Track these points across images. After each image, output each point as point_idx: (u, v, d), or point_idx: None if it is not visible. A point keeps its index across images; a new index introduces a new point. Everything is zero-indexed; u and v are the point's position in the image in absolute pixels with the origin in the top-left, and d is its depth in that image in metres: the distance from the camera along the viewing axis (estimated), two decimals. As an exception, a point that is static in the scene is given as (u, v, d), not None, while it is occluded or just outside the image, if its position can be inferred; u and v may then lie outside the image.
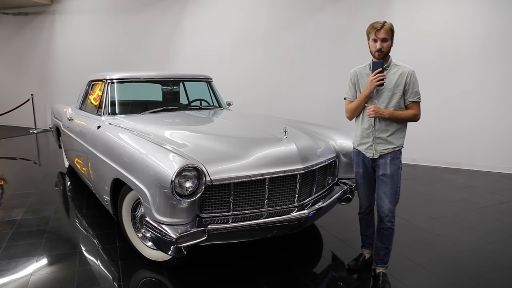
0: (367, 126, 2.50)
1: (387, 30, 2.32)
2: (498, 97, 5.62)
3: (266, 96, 7.36)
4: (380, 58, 2.37)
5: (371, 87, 2.37)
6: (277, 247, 3.08)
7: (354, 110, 2.54)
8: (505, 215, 3.85)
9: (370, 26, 2.37)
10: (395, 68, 2.43)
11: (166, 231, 2.17)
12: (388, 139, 2.44)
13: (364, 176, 2.63)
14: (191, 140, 2.76)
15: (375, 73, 2.34)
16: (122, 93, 3.83)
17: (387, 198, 2.47)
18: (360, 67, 2.55)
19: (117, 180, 2.80)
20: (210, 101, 4.41)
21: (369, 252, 2.80)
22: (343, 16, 6.58)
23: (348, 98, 2.60)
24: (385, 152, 2.46)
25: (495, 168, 5.72)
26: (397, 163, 2.48)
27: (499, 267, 2.79)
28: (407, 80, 2.38)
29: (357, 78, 2.54)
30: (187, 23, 7.98)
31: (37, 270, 2.70)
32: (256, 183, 2.47)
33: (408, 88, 2.39)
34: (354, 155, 2.68)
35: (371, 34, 2.36)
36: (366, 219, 2.76)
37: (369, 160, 2.54)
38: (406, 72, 2.38)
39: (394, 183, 2.47)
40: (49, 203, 4.13)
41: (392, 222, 2.51)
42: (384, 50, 2.35)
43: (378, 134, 2.46)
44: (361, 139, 2.56)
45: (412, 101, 2.40)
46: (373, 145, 2.49)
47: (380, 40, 2.33)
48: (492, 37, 5.54)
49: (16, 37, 9.94)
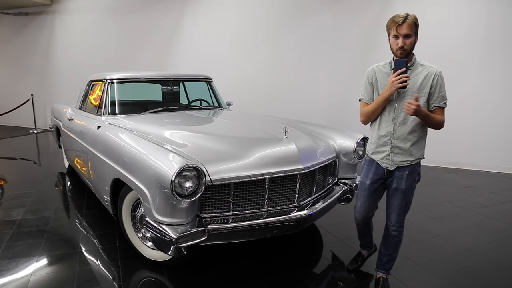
0: (385, 132, 2.22)
1: (411, 24, 2.02)
2: (498, 97, 5.62)
3: (266, 96, 7.36)
4: (402, 57, 2.08)
5: (392, 89, 2.08)
6: (277, 247, 3.08)
7: (371, 113, 2.24)
8: (505, 215, 3.85)
9: (390, 20, 2.09)
10: (420, 68, 2.14)
11: (166, 231, 2.17)
12: (408, 149, 2.18)
13: (369, 189, 2.36)
14: (191, 140, 2.76)
15: (397, 74, 2.06)
16: (122, 93, 3.83)
17: (397, 210, 2.29)
18: (379, 65, 2.26)
19: (117, 180, 2.80)
20: (210, 101, 4.40)
21: (368, 252, 2.76)
22: (343, 16, 6.58)
23: (364, 100, 2.31)
24: (403, 165, 2.20)
25: (495, 168, 5.72)
26: (414, 177, 2.25)
27: (499, 267, 2.79)
28: (434, 82, 2.10)
29: (375, 77, 2.24)
30: (187, 23, 7.98)
31: (37, 270, 2.70)
32: (256, 183, 2.47)
33: (434, 91, 2.11)
34: (366, 164, 2.40)
35: (391, 30, 2.08)
36: (363, 228, 2.61)
37: (384, 171, 2.27)
38: (432, 73, 2.11)
39: (407, 197, 2.27)
40: (49, 203, 4.13)
41: (399, 232, 2.34)
42: (407, 48, 2.06)
43: (397, 143, 2.19)
44: (376, 147, 2.28)
45: (438, 107, 2.13)
46: (391, 155, 2.21)
47: (402, 36, 2.04)
48: (492, 38, 5.54)
49: (16, 37, 9.94)
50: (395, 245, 2.39)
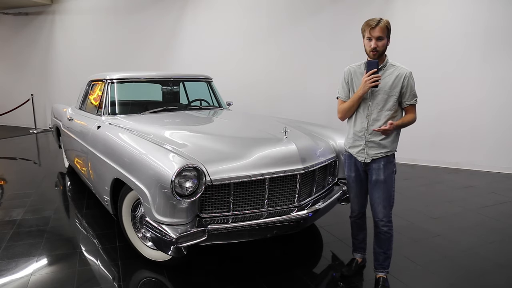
0: (360, 128, 2.39)
1: (383, 28, 2.17)
2: (498, 97, 5.62)
3: (266, 96, 7.36)
4: (375, 58, 2.24)
5: (365, 88, 2.25)
6: (277, 247, 3.08)
7: (347, 111, 2.42)
8: (505, 215, 3.85)
9: (364, 23, 2.23)
10: (392, 69, 2.30)
11: (166, 231, 2.18)
12: (381, 142, 2.33)
13: (356, 180, 2.52)
14: (191, 140, 2.76)
15: (369, 74, 2.22)
16: (122, 93, 3.83)
17: (381, 203, 2.38)
18: (355, 65, 2.42)
19: (117, 180, 2.80)
20: (210, 101, 4.41)
21: (361, 256, 2.74)
22: (343, 16, 6.58)
23: (341, 98, 2.48)
24: (378, 157, 2.35)
25: (495, 168, 5.72)
26: (391, 168, 2.38)
27: (499, 267, 2.79)
28: (404, 83, 2.26)
29: (351, 77, 2.41)
30: (187, 23, 7.98)
31: (37, 270, 2.70)
32: (256, 183, 2.47)
33: (406, 90, 2.27)
34: (346, 158, 2.57)
35: (365, 32, 2.23)
36: (357, 223, 2.67)
37: (361, 164, 2.44)
38: (403, 74, 2.26)
39: (388, 188, 2.37)
40: (49, 203, 4.13)
41: (388, 227, 2.41)
42: (379, 50, 2.22)
43: (371, 138, 2.35)
44: (353, 141, 2.45)
45: (410, 104, 2.31)
46: (365, 149, 2.38)
47: (375, 38, 2.19)
48: (493, 38, 5.54)
49: (16, 37, 9.94)
50: (387, 242, 2.45)
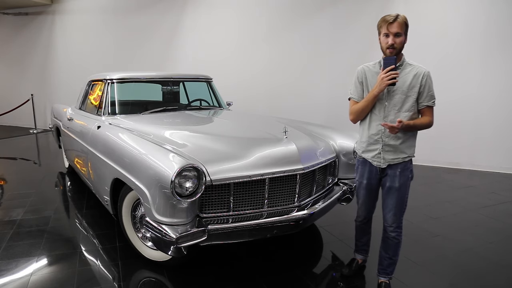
0: (376, 131, 2.24)
1: (401, 23, 2.06)
2: (498, 97, 5.62)
3: (266, 96, 7.36)
4: (392, 56, 2.13)
5: (381, 86, 2.11)
6: (277, 247, 3.08)
7: (360, 112, 2.27)
8: (505, 215, 3.85)
9: (381, 19, 2.12)
10: (409, 68, 2.18)
11: (166, 231, 2.18)
12: (399, 147, 2.21)
13: (366, 187, 2.41)
14: (191, 140, 2.76)
15: (386, 70, 2.09)
16: (122, 93, 3.83)
17: (393, 210, 2.29)
18: (369, 65, 2.30)
19: (117, 180, 2.80)
20: (210, 101, 4.40)
21: (363, 258, 2.71)
22: (343, 16, 6.58)
23: (354, 98, 2.34)
24: (395, 162, 2.23)
25: (495, 168, 5.72)
26: (407, 174, 2.26)
27: (499, 267, 2.79)
28: (423, 82, 2.14)
29: (365, 76, 2.28)
30: (187, 23, 7.98)
31: (37, 270, 2.70)
32: (256, 183, 2.47)
33: (423, 90, 2.15)
34: (359, 164, 2.43)
35: (382, 28, 2.11)
36: (362, 228, 2.62)
37: (377, 170, 2.31)
38: (421, 73, 2.15)
39: (401, 195, 2.27)
40: (49, 203, 4.13)
41: (397, 233, 2.33)
42: (396, 46, 2.10)
43: (388, 141, 2.22)
44: (367, 145, 2.31)
45: (427, 105, 2.17)
46: (382, 153, 2.24)
47: (393, 34, 2.08)
48: (493, 38, 5.54)
49: (16, 37, 9.94)
50: (394, 248, 2.37)
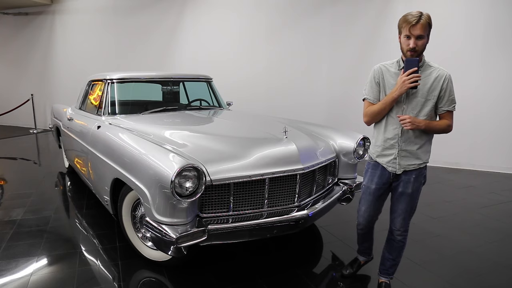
0: (392, 135, 2.14)
1: (424, 25, 1.93)
2: (499, 97, 5.62)
3: (266, 96, 7.36)
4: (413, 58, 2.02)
5: (403, 89, 1.99)
6: (277, 247, 3.08)
7: (377, 114, 2.15)
8: (505, 215, 3.85)
9: (402, 18, 1.99)
10: (430, 70, 2.08)
11: (166, 231, 2.17)
12: (415, 152, 2.11)
13: (373, 193, 2.30)
14: (191, 140, 2.76)
15: (408, 73, 1.98)
16: (122, 93, 3.83)
17: (403, 214, 2.24)
18: (386, 64, 2.18)
19: (117, 180, 2.80)
20: (210, 101, 4.41)
21: (365, 260, 2.70)
22: (343, 16, 6.58)
23: (369, 100, 2.21)
24: (410, 169, 2.14)
25: (495, 168, 5.72)
26: (420, 180, 2.19)
27: (499, 267, 2.79)
28: (444, 86, 2.04)
29: (382, 76, 2.15)
30: (187, 23, 7.98)
31: (37, 270, 2.70)
32: (256, 183, 2.47)
33: (444, 94, 2.05)
34: (370, 168, 2.31)
35: (403, 29, 1.99)
36: (363, 235, 2.55)
37: (390, 176, 2.21)
38: (442, 76, 2.05)
39: (412, 201, 2.21)
40: (49, 203, 4.13)
41: (403, 236, 2.29)
42: (418, 49, 1.98)
43: (405, 146, 2.12)
44: (382, 150, 2.20)
45: (447, 110, 2.08)
46: (397, 158, 2.14)
47: (415, 37, 1.96)
48: (493, 38, 5.54)
49: (16, 37, 9.94)
50: (399, 250, 2.35)
